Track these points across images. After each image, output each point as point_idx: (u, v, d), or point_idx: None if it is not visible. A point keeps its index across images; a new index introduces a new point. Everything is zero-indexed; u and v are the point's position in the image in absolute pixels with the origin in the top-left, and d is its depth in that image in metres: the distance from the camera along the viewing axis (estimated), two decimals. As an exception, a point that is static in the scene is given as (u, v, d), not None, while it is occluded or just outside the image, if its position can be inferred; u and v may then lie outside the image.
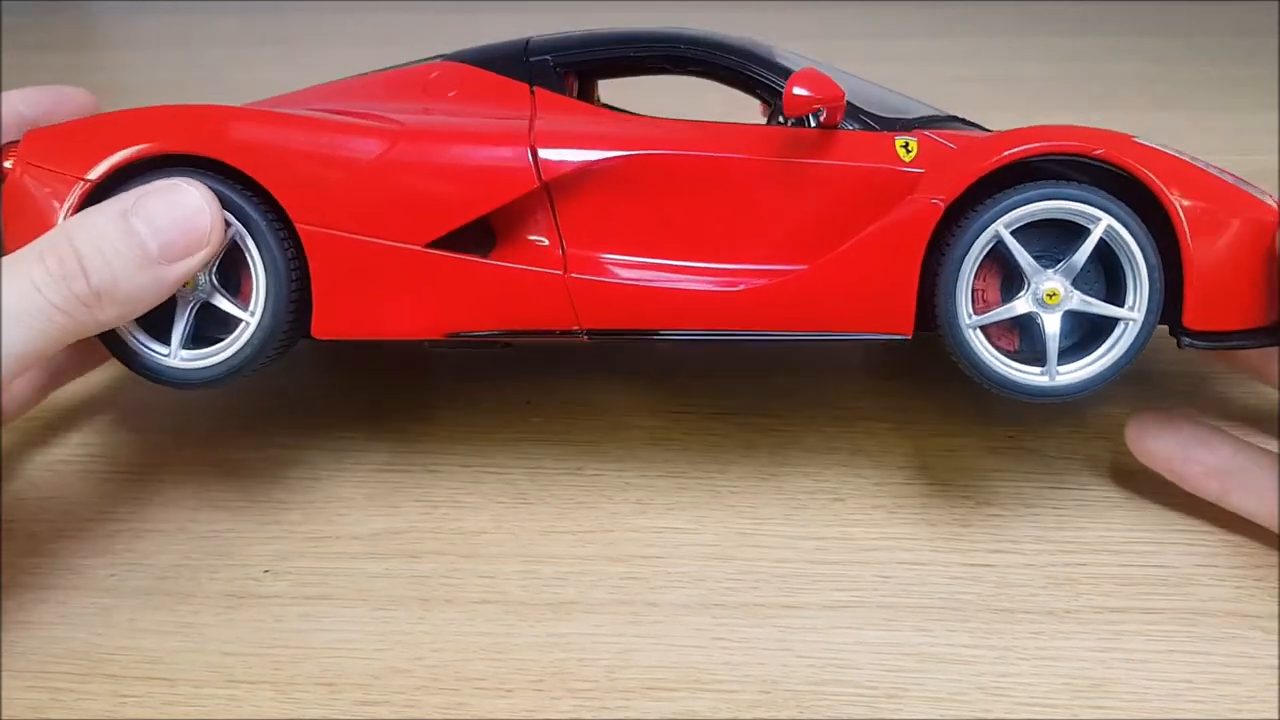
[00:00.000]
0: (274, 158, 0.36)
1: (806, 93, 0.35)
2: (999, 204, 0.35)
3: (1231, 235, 0.35)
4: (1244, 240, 0.35)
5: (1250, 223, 0.35)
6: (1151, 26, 0.90)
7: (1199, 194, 0.35)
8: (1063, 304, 0.35)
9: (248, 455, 0.45)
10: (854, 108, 0.38)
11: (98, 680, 0.36)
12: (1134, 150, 0.35)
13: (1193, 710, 0.34)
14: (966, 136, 0.38)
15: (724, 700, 0.35)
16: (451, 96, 0.39)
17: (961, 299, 0.35)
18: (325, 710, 0.35)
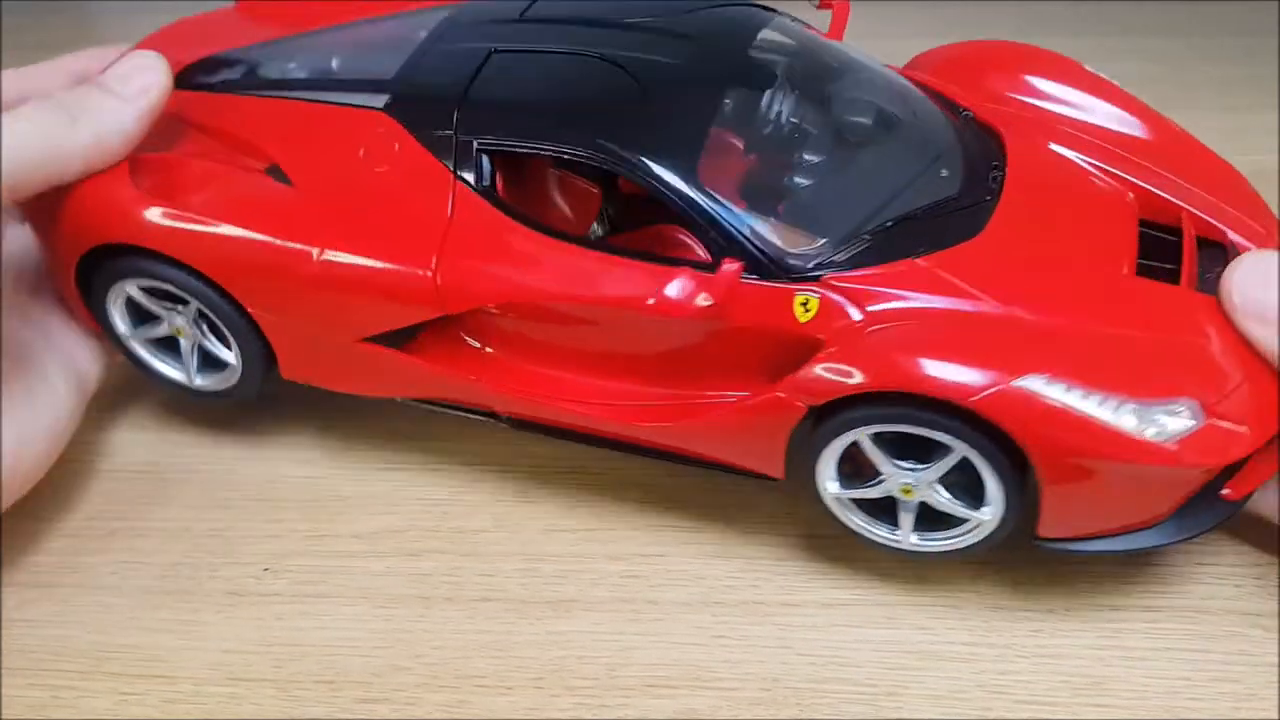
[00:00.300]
0: (228, 262, 0.38)
1: (674, 297, 0.33)
2: (864, 415, 0.34)
3: (1095, 476, 0.33)
4: (1106, 478, 0.33)
5: (1116, 464, 0.32)
6: (1151, 26, 0.90)
7: (1068, 447, 0.32)
8: (918, 497, 0.35)
9: (248, 454, 0.45)
10: (760, 258, 0.35)
11: (99, 678, 0.36)
12: (1008, 404, 0.32)
13: (1192, 708, 0.34)
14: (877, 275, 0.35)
15: (724, 698, 0.35)
16: (381, 173, 0.38)
17: (823, 474, 0.36)
18: (326, 708, 0.35)
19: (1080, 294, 0.35)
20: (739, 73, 0.39)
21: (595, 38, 0.39)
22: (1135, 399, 0.32)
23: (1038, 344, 0.33)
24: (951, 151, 0.38)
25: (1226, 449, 0.32)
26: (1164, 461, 0.32)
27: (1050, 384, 0.32)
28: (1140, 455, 0.32)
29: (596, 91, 0.38)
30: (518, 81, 0.38)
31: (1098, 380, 0.32)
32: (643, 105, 0.37)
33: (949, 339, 0.33)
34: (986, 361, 0.32)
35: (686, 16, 0.40)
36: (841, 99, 0.40)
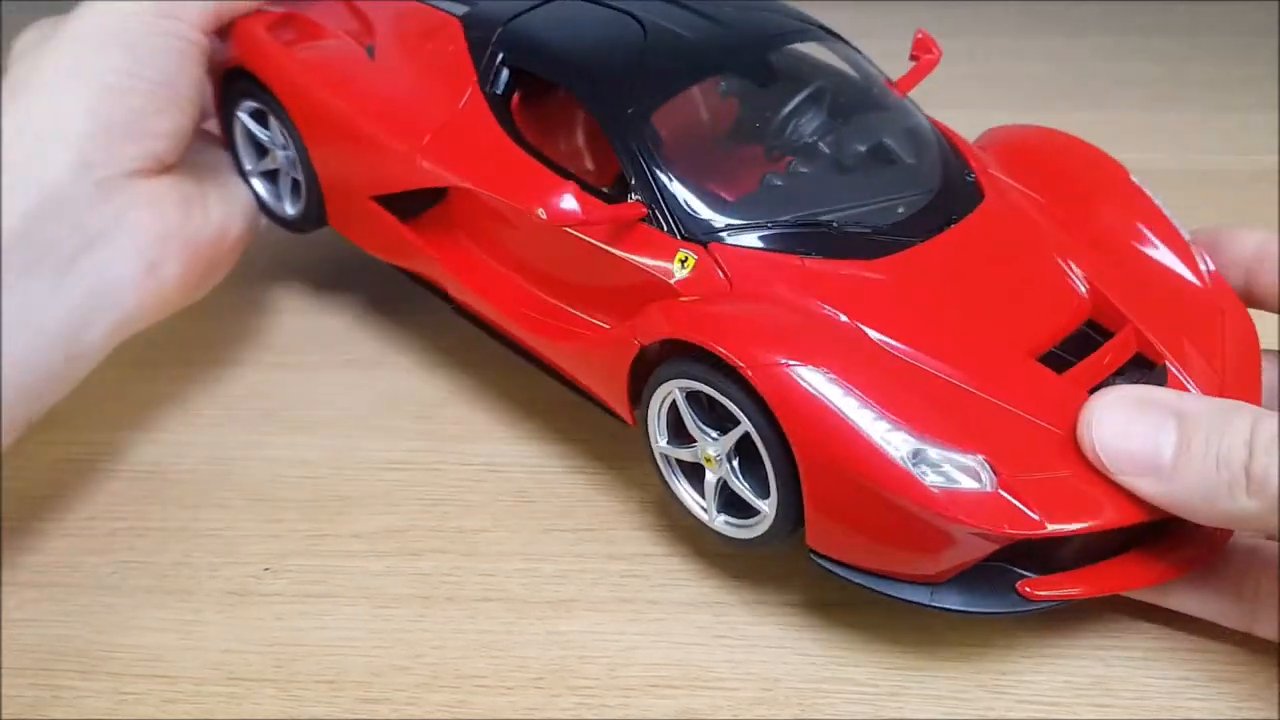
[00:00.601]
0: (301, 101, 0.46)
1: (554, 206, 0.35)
2: (676, 369, 0.35)
3: (853, 493, 0.32)
4: (865, 500, 0.31)
5: (872, 485, 0.31)
6: (1152, 26, 0.90)
7: (822, 447, 0.32)
8: (719, 473, 0.35)
9: (248, 454, 0.45)
10: (664, 209, 0.37)
11: (99, 678, 0.36)
12: (777, 382, 0.32)
13: (1193, 708, 0.34)
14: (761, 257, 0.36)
15: (726, 698, 0.35)
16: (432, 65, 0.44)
17: (654, 429, 0.37)
18: (326, 708, 0.35)
19: (943, 341, 0.34)
20: (738, 59, 0.41)
21: (650, 8, 0.41)
22: (918, 433, 0.31)
23: (850, 353, 0.33)
24: (922, 198, 0.38)
25: (999, 520, 0.30)
26: (921, 501, 0.30)
27: (828, 382, 0.31)
28: (898, 486, 0.31)
29: (606, 39, 0.41)
30: (555, 20, 0.42)
31: (887, 402, 0.31)
32: (637, 56, 0.39)
33: (770, 321, 0.33)
34: (783, 344, 0.32)
35: (736, 9, 0.42)
36: (844, 120, 0.41)
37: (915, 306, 0.35)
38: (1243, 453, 0.29)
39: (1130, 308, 0.36)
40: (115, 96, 0.41)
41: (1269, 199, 0.62)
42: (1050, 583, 0.32)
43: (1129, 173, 0.40)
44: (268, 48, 0.46)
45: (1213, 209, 0.61)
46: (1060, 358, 0.35)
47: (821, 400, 0.31)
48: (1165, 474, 0.30)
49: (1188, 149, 0.69)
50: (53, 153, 0.39)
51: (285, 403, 0.48)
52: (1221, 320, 0.36)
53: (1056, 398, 0.33)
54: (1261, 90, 0.76)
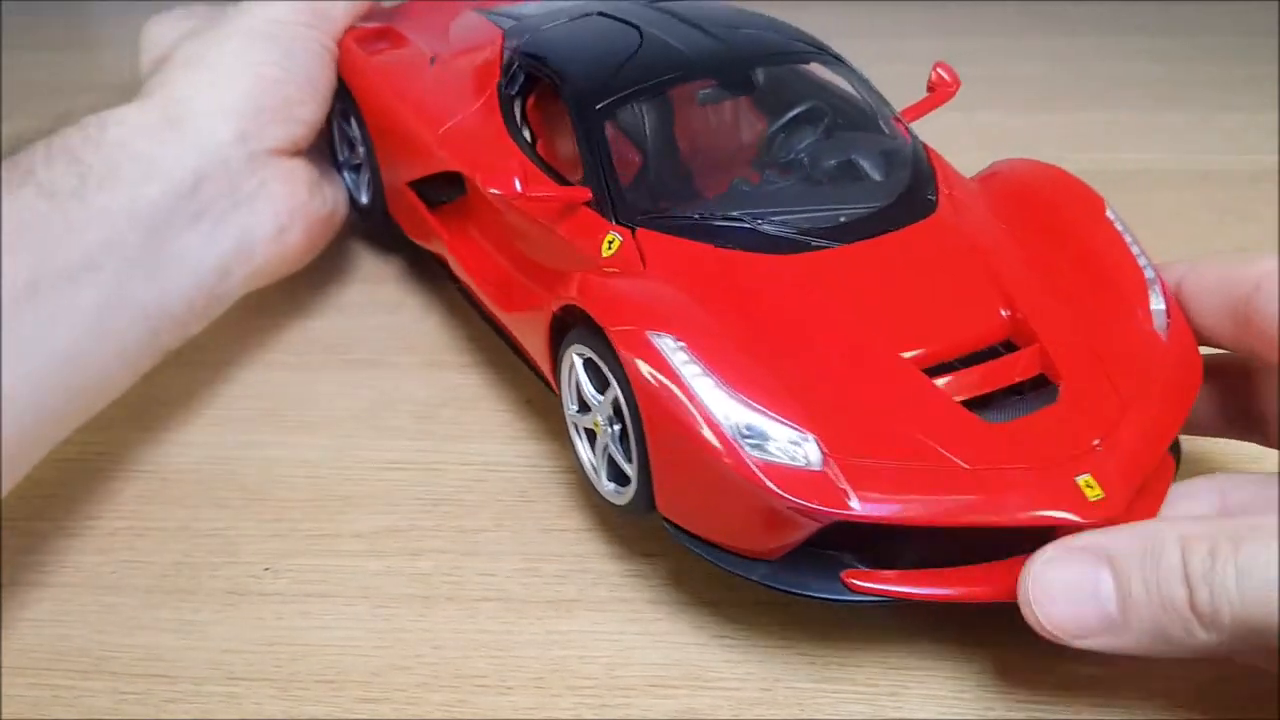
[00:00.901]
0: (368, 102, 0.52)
1: (505, 187, 0.39)
2: (573, 336, 0.37)
3: (690, 458, 0.32)
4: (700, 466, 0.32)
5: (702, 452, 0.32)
6: (1152, 26, 0.90)
7: (661, 408, 0.33)
8: (603, 439, 0.36)
9: (248, 453, 0.45)
10: (610, 194, 0.39)
11: (99, 677, 0.36)
12: (631, 344, 0.33)
13: (1194, 708, 0.34)
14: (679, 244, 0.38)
15: (725, 698, 0.35)
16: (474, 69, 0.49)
17: (565, 396, 0.39)
18: (326, 707, 0.35)
19: (818, 334, 0.35)
20: (722, 72, 0.43)
21: (663, 24, 0.44)
22: (753, 408, 0.32)
23: (712, 330, 0.34)
24: (866, 209, 0.39)
25: (811, 495, 0.31)
26: (741, 471, 0.31)
27: (676, 349, 0.33)
28: (722, 454, 0.31)
29: (601, 46, 0.44)
30: (571, 31, 0.46)
31: (731, 377, 0.32)
32: (620, 61, 0.42)
33: (648, 295, 0.35)
34: (648, 314, 0.34)
35: (743, 30, 0.45)
36: (824, 136, 0.43)
37: (805, 300, 0.36)
38: (1182, 591, 0.28)
39: (1047, 333, 0.35)
40: (270, 85, 0.48)
41: (1269, 199, 0.62)
42: (875, 577, 0.33)
43: (1106, 207, 0.39)
44: (353, 56, 0.53)
45: (1213, 209, 0.62)
46: (952, 368, 0.35)
47: (666, 364, 0.33)
48: (1117, 628, 0.29)
49: (1188, 149, 0.69)
50: (218, 125, 0.46)
51: (285, 403, 0.48)
52: (1150, 357, 0.35)
53: (918, 397, 0.33)
54: (1262, 90, 0.76)
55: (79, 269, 0.39)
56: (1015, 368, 0.35)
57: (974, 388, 0.34)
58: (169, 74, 0.47)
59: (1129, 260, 0.38)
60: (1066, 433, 0.33)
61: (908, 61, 0.50)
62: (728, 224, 0.38)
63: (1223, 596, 0.27)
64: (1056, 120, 0.73)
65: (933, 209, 0.39)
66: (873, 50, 0.44)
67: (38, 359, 0.37)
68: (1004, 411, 0.34)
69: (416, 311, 0.54)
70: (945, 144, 0.45)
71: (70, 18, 1.04)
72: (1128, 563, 0.29)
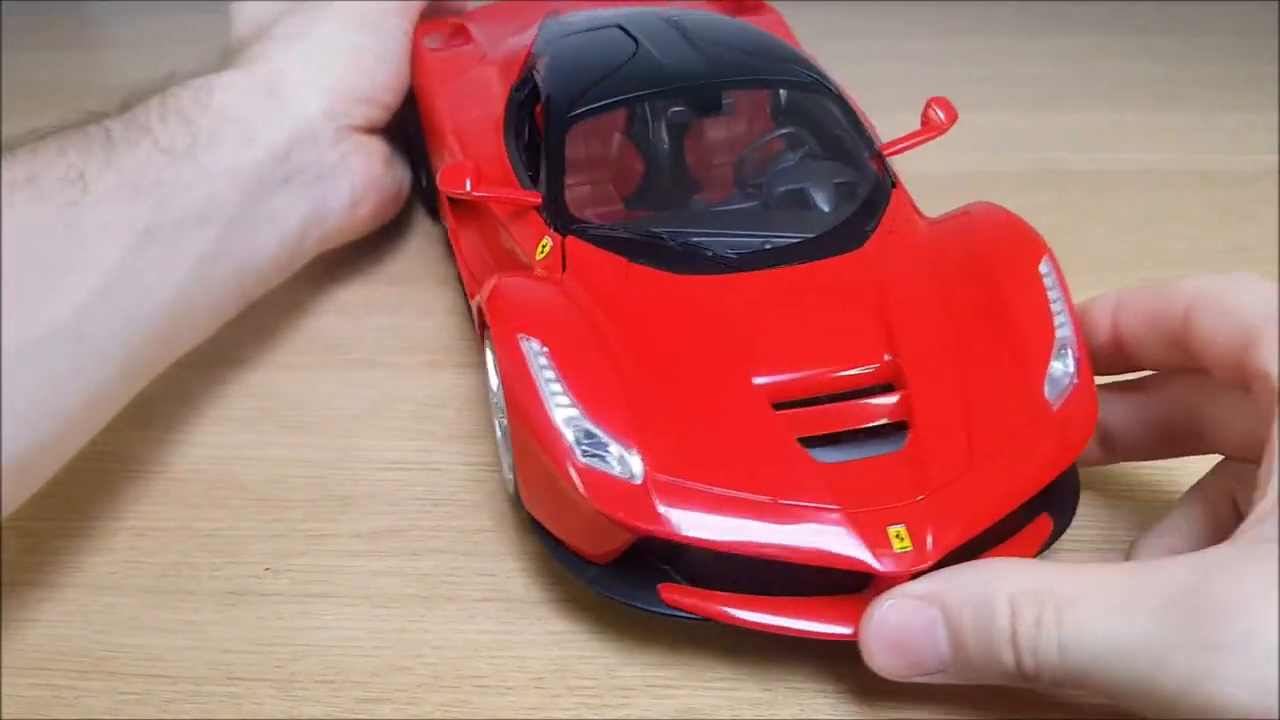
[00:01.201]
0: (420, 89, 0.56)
1: (455, 185, 0.42)
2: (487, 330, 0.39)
3: (534, 456, 0.35)
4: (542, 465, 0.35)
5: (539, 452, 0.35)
6: (1151, 26, 0.90)
7: (515, 403, 0.36)
8: (498, 429, 0.40)
9: (249, 453, 0.45)
10: (553, 201, 0.42)
11: (98, 678, 0.36)
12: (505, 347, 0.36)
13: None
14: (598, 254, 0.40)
15: (725, 698, 0.35)
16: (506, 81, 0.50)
17: (490, 385, 0.41)
18: (326, 708, 0.35)
19: (682, 355, 0.36)
20: (696, 91, 0.44)
21: (663, 42, 0.45)
22: (592, 418, 0.34)
23: (579, 340, 0.36)
24: (794, 239, 0.40)
25: (620, 507, 0.33)
26: (564, 474, 0.33)
27: (539, 354, 0.35)
28: (556, 456, 0.34)
29: (594, 58, 0.45)
30: (584, 41, 0.48)
31: (581, 386, 0.35)
32: (601, 75, 0.44)
33: (535, 299, 0.38)
34: (527, 317, 0.37)
35: (737, 50, 0.45)
36: (788, 163, 0.44)
37: (684, 320, 0.37)
38: (1010, 653, 0.29)
39: (917, 382, 0.35)
40: (361, 68, 0.53)
41: (1269, 199, 0.62)
42: (687, 593, 0.34)
43: (1041, 259, 0.39)
44: (416, 48, 0.57)
45: (1213, 209, 0.62)
46: (810, 404, 0.35)
47: (526, 367, 0.35)
48: (951, 671, 0.31)
49: (1189, 149, 0.69)
50: (312, 99, 0.50)
51: (285, 403, 0.48)
52: (1024, 420, 0.35)
53: (754, 427, 0.34)
54: (1262, 90, 0.76)
55: (190, 221, 0.43)
56: (871, 412, 0.35)
57: (822, 425, 0.35)
58: (271, 46, 0.51)
59: (1044, 318, 0.37)
60: (895, 482, 0.33)
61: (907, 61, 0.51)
62: (646, 240, 0.40)
63: (1046, 664, 0.29)
64: (1058, 120, 0.73)
65: (858, 246, 0.40)
66: (876, 49, 0.45)
67: (148, 304, 0.41)
68: (849, 451, 0.34)
69: (416, 311, 0.54)
70: (945, 144, 0.45)
71: (70, 18, 1.04)
72: (960, 615, 0.30)
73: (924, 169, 0.46)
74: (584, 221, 0.41)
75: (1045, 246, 0.39)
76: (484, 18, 0.60)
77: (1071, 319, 0.37)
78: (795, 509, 0.32)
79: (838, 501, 0.33)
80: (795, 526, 0.32)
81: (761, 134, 0.47)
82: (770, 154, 0.46)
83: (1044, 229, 0.40)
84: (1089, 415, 0.36)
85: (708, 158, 0.48)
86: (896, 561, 0.32)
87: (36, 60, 0.91)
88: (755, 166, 0.46)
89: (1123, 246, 0.57)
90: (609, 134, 0.48)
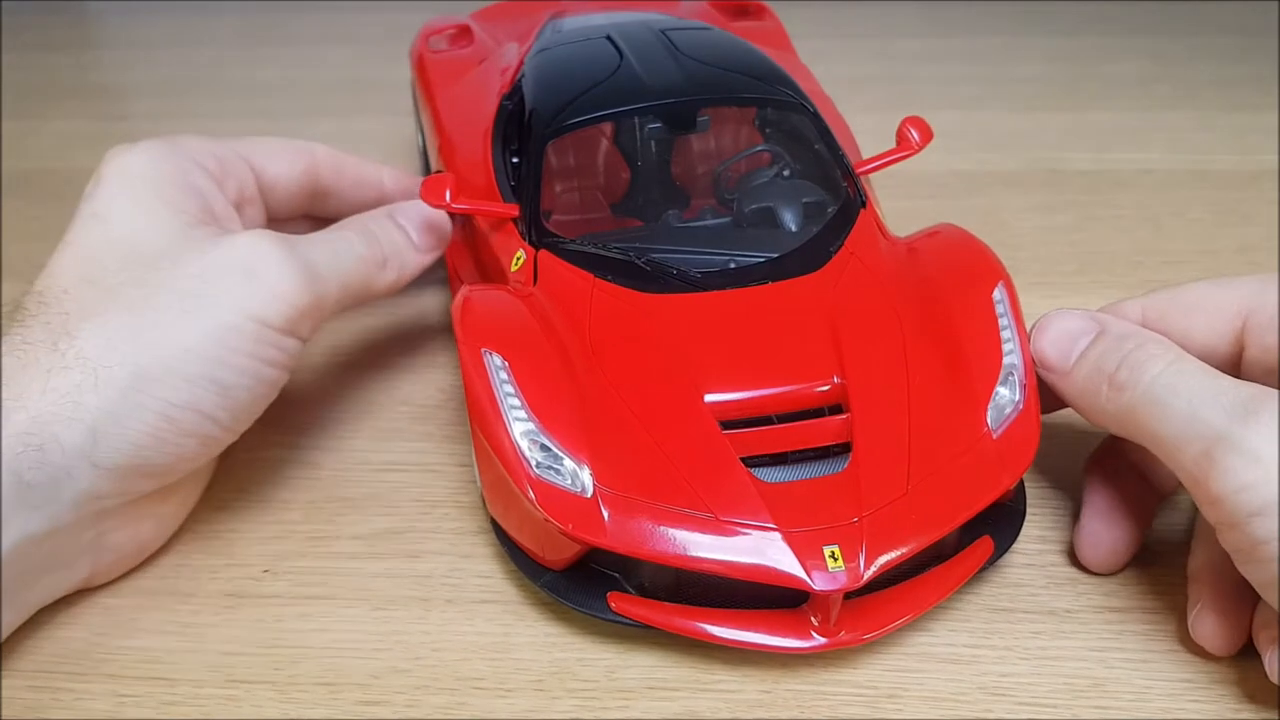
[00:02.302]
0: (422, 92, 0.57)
1: (435, 196, 0.42)
2: None
3: (493, 466, 0.36)
4: (500, 475, 0.36)
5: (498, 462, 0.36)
6: (1151, 26, 0.90)
7: (476, 414, 0.37)
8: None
9: (248, 455, 0.45)
10: (530, 215, 0.42)
11: (98, 680, 0.36)
12: (469, 360, 0.37)
13: (1193, 710, 0.34)
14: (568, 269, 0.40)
15: (725, 700, 0.35)
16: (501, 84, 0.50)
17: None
18: (325, 710, 0.35)
19: (636, 373, 0.37)
20: (673, 108, 0.44)
21: (647, 55, 0.46)
22: (546, 430, 0.35)
23: (541, 356, 0.37)
24: (758, 258, 0.40)
25: (569, 519, 0.34)
26: (518, 483, 0.35)
27: (499, 368, 0.36)
28: (511, 466, 0.35)
29: (580, 71, 0.46)
30: (570, 53, 0.48)
31: (538, 399, 0.36)
32: (583, 89, 0.44)
33: (501, 314, 0.39)
34: (491, 332, 0.38)
35: (717, 67, 0.45)
36: (755, 181, 0.45)
37: (641, 337, 0.38)
38: (1114, 363, 0.35)
39: (862, 406, 0.36)
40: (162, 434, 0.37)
41: (1269, 199, 0.62)
42: (634, 602, 0.35)
43: (996, 286, 0.39)
44: (420, 52, 0.57)
45: (1213, 209, 0.62)
46: (758, 423, 0.36)
47: (487, 380, 0.36)
48: (1066, 372, 0.36)
49: (1187, 149, 0.69)
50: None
51: (285, 403, 0.48)
52: (962, 447, 0.36)
53: (701, 445, 0.35)
54: (1261, 90, 0.76)
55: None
56: (815, 434, 0.36)
57: (767, 445, 0.36)
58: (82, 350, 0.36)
59: (993, 345, 0.38)
60: (833, 503, 0.34)
61: (906, 61, 0.51)
62: (614, 257, 0.40)
63: (1134, 381, 0.34)
64: (1056, 120, 0.73)
65: (819, 267, 0.40)
66: (872, 49, 0.44)
67: None
68: (794, 471, 0.35)
69: (416, 312, 0.54)
70: (945, 144, 0.45)
71: (70, 18, 1.04)
72: (1106, 338, 0.36)
73: (924, 168, 0.46)
74: (557, 236, 0.42)
75: (1002, 273, 0.40)
76: (489, 18, 0.60)
77: (1021, 346, 0.38)
78: (735, 526, 0.34)
79: (776, 520, 0.34)
80: (734, 543, 0.33)
81: (740, 150, 0.48)
82: (747, 170, 0.47)
83: (1044, 229, 0.40)
84: (1030, 441, 0.36)
85: (689, 171, 0.49)
86: (830, 580, 0.33)
87: (36, 60, 0.91)
88: (731, 182, 0.46)
89: (1123, 246, 0.57)
90: (598, 141, 0.49)
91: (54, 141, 0.74)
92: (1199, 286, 0.38)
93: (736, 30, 0.54)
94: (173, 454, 0.37)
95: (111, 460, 0.35)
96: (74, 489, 0.35)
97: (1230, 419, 0.31)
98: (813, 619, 0.34)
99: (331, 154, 0.48)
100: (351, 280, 0.42)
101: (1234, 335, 0.37)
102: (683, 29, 0.49)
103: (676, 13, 0.57)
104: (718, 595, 0.35)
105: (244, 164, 0.45)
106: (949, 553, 0.36)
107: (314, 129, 0.67)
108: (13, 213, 0.64)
